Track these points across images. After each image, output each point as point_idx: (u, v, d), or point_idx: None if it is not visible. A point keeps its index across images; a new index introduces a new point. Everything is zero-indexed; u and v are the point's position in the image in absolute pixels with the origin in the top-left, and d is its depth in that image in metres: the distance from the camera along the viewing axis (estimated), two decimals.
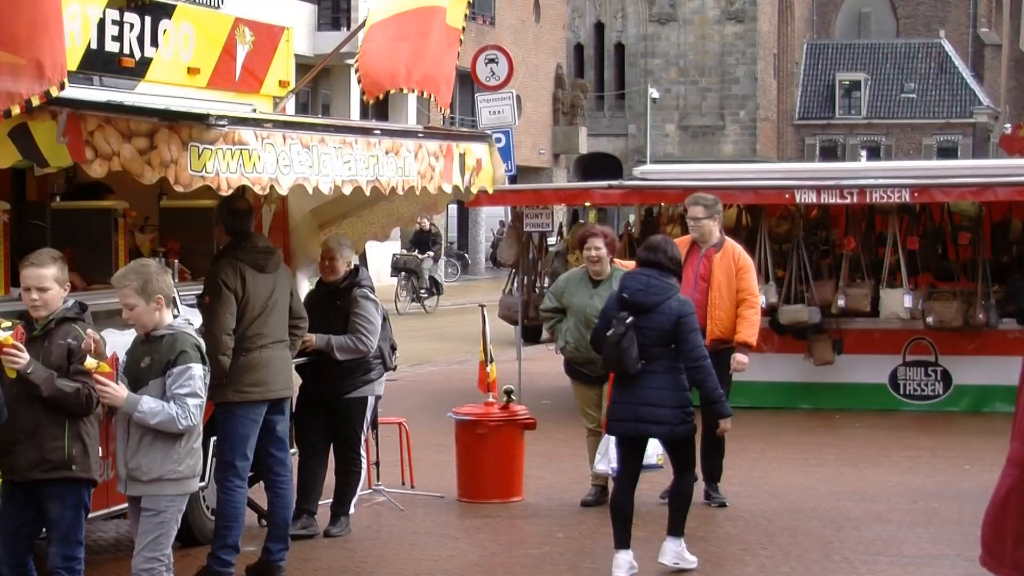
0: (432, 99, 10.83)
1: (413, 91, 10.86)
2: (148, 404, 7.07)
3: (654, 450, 10.12)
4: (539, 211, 17.97)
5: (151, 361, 7.24)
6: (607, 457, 10.49)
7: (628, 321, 9.21)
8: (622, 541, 9.38)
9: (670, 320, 9.26)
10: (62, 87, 7.03)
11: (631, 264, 10.90)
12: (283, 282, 9.40)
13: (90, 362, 7.07)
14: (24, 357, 7.02)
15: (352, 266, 10.67)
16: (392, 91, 10.68)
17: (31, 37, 6.89)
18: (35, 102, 6.94)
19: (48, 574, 7.49)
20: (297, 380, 10.40)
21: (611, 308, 9.52)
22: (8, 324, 7.20)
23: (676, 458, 9.57)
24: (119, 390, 7.07)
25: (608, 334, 9.28)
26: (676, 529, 9.61)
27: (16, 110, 6.90)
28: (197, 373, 7.16)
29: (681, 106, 70.34)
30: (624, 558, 9.36)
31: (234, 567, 9.15)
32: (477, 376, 12.51)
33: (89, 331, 7.23)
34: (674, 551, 9.63)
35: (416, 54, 10.55)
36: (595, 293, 11.19)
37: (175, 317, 7.47)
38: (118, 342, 8.35)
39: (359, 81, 10.52)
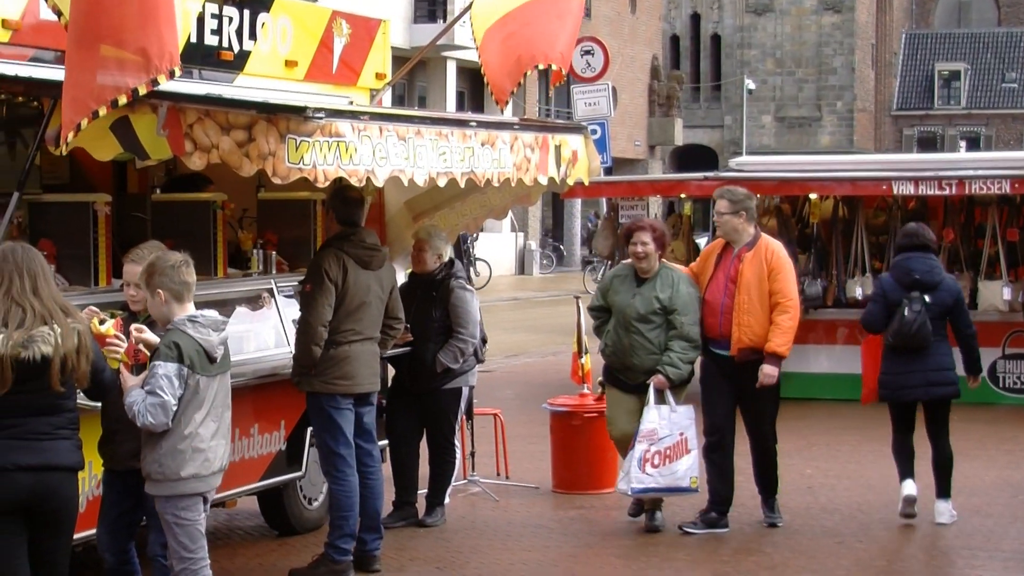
0: (554, 68, 10.67)
1: (533, 69, 10.73)
2: (130, 397, 7.05)
3: (687, 472, 10.26)
4: (634, 203, 17.95)
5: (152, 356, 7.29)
6: (628, 477, 10.27)
7: (925, 300, 10.63)
8: (908, 473, 10.92)
9: (951, 296, 10.77)
10: (171, 75, 7.09)
11: (679, 266, 10.62)
12: (385, 281, 9.41)
13: (95, 322, 7.08)
14: (123, 347, 7.13)
15: (447, 258, 10.71)
16: (514, 90, 10.65)
17: (137, 27, 6.96)
18: (141, 91, 7.02)
19: (148, 561, 7.61)
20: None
21: (891, 291, 10.73)
22: (108, 315, 7.32)
23: (937, 423, 10.87)
24: (126, 377, 7.10)
25: (906, 315, 10.61)
26: (945, 492, 10.86)
27: (123, 99, 6.98)
28: (160, 371, 7.02)
29: (777, 97, 69.86)
30: (905, 487, 10.86)
31: (351, 556, 9.22)
32: (571, 367, 12.53)
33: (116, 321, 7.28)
34: (948, 511, 10.82)
35: (526, 42, 10.55)
36: (638, 292, 10.33)
37: (194, 317, 7.27)
38: (231, 331, 8.47)
39: (490, 93, 10.59)
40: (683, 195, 18.53)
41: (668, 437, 10.28)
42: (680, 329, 10.24)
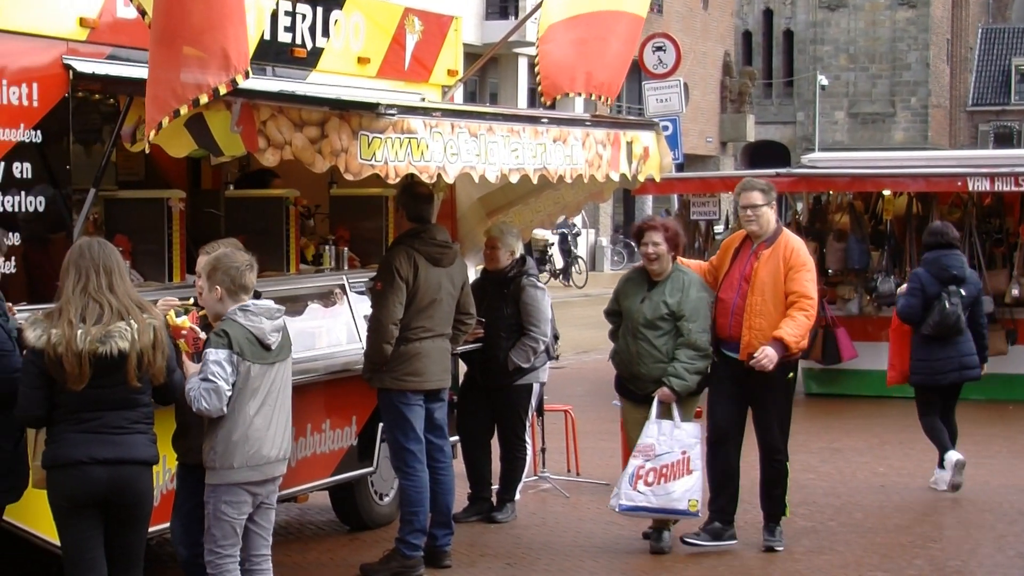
0: (603, 99, 10.82)
1: (590, 96, 10.85)
2: (188, 384, 7.09)
3: (685, 494, 9.59)
4: (706, 199, 17.88)
5: None
6: (620, 493, 9.68)
7: (961, 293, 11.60)
8: (948, 446, 11.77)
9: (976, 289, 11.89)
10: (247, 75, 7.15)
11: (696, 263, 10.19)
12: (456, 277, 9.42)
13: (171, 314, 7.18)
14: (203, 339, 7.19)
15: (519, 254, 10.72)
16: (571, 95, 10.70)
17: (216, 28, 7.02)
18: (222, 90, 7.08)
19: None
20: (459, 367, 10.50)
21: (929, 285, 11.64)
22: (184, 309, 7.38)
23: (952, 402, 11.97)
24: (188, 366, 7.15)
25: (947, 307, 11.53)
26: None
27: (204, 99, 7.04)
28: (211, 358, 7.08)
29: (850, 93, 69.32)
30: (952, 454, 11.68)
31: (422, 552, 9.25)
32: None
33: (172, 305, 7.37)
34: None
35: (596, 59, 10.59)
36: (647, 297, 9.72)
37: (244, 306, 7.29)
38: (290, 329, 8.51)
39: (538, 83, 10.59)
40: None
41: (667, 455, 9.62)
42: (687, 337, 9.58)
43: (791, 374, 9.79)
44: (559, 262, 38.25)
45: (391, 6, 10.49)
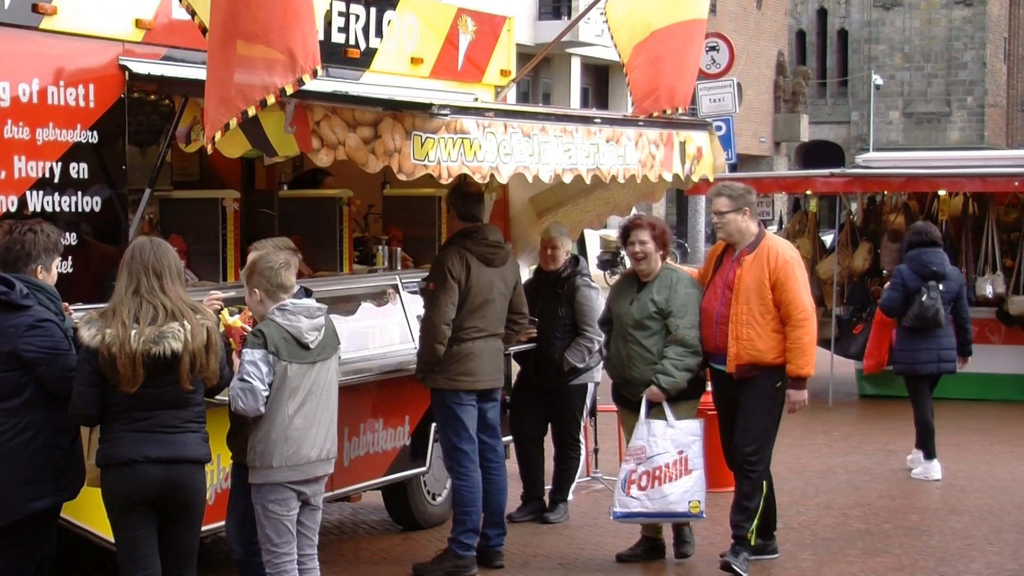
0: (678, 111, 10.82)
1: (675, 110, 10.81)
2: (232, 383, 7.13)
3: (685, 495, 9.17)
4: (759, 199, 17.75)
5: None
6: (615, 500, 9.34)
7: (940, 288, 12.29)
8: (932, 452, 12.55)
9: (958, 284, 12.50)
10: (315, 75, 7.16)
11: (689, 270, 9.76)
12: (508, 277, 9.41)
13: (225, 314, 7.25)
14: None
15: (570, 255, 10.72)
16: (655, 115, 10.67)
17: (283, 27, 7.04)
18: (288, 90, 7.10)
19: None
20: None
21: (911, 280, 12.39)
22: (238, 308, 7.41)
23: (930, 393, 12.65)
24: (236, 364, 7.18)
25: (925, 301, 12.25)
26: (932, 453, 12.63)
27: (271, 99, 7.06)
28: (246, 358, 7.10)
29: (905, 92, 68.91)
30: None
31: (475, 551, 9.25)
32: None
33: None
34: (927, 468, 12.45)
35: (676, 73, 10.58)
36: (636, 298, 9.37)
37: (282, 305, 7.29)
38: (341, 329, 8.53)
39: (633, 104, 10.59)
40: (808, 192, 18.37)
41: (660, 455, 9.18)
42: (675, 333, 9.19)
43: (778, 383, 9.10)
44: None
45: (444, 6, 10.50)
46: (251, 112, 7.04)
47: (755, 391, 9.11)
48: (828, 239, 19.76)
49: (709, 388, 9.61)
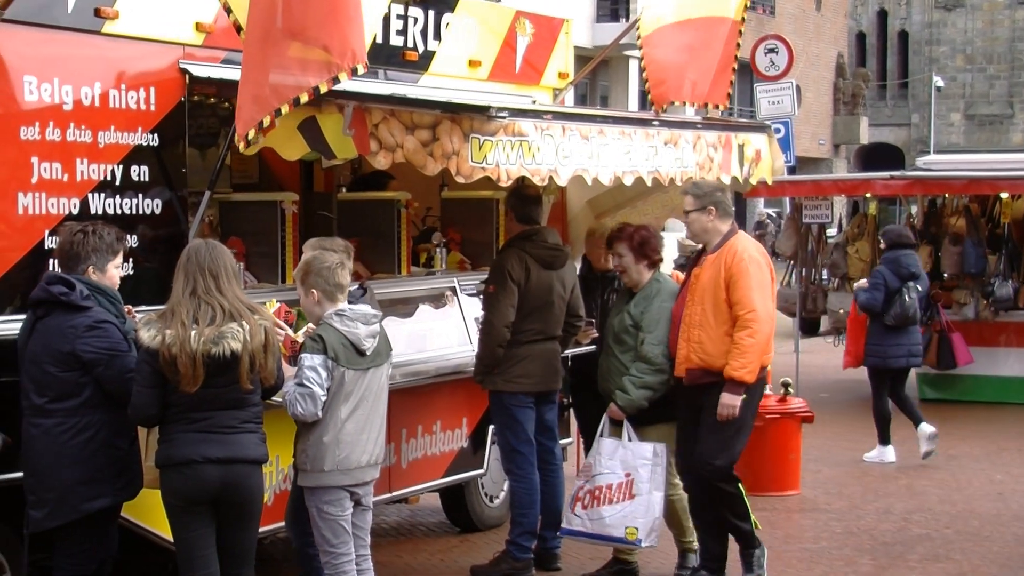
0: (715, 107, 10.78)
1: (704, 106, 10.80)
2: (285, 387, 7.11)
3: (622, 520, 8.69)
4: (818, 202, 17.73)
5: None
6: (564, 516, 9.01)
7: (918, 289, 13.17)
8: (888, 437, 13.38)
9: (927, 285, 13.58)
10: (354, 73, 7.16)
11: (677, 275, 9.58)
12: (567, 280, 9.38)
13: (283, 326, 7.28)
14: (282, 336, 7.25)
15: None
16: (678, 104, 10.64)
17: (320, 24, 7.03)
18: (323, 89, 7.11)
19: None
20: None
21: (891, 281, 13.18)
22: (272, 303, 7.45)
23: (901, 384, 13.37)
24: (284, 368, 7.21)
25: (907, 300, 13.11)
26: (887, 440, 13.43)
27: (304, 98, 7.07)
28: (306, 363, 7.11)
29: (967, 94, 68.36)
30: (925, 427, 13.28)
31: (532, 553, 9.25)
32: None
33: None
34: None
35: (702, 68, 10.52)
36: (624, 309, 9.03)
37: (340, 311, 7.30)
38: (399, 331, 8.56)
39: (647, 91, 10.52)
40: (868, 195, 18.28)
41: (604, 475, 8.77)
42: (639, 349, 8.83)
43: (743, 396, 8.53)
44: None
45: (502, 9, 10.51)
46: (284, 110, 7.03)
47: (708, 405, 8.51)
48: None
49: None
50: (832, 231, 21.10)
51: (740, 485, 8.85)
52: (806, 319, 19.79)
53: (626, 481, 8.72)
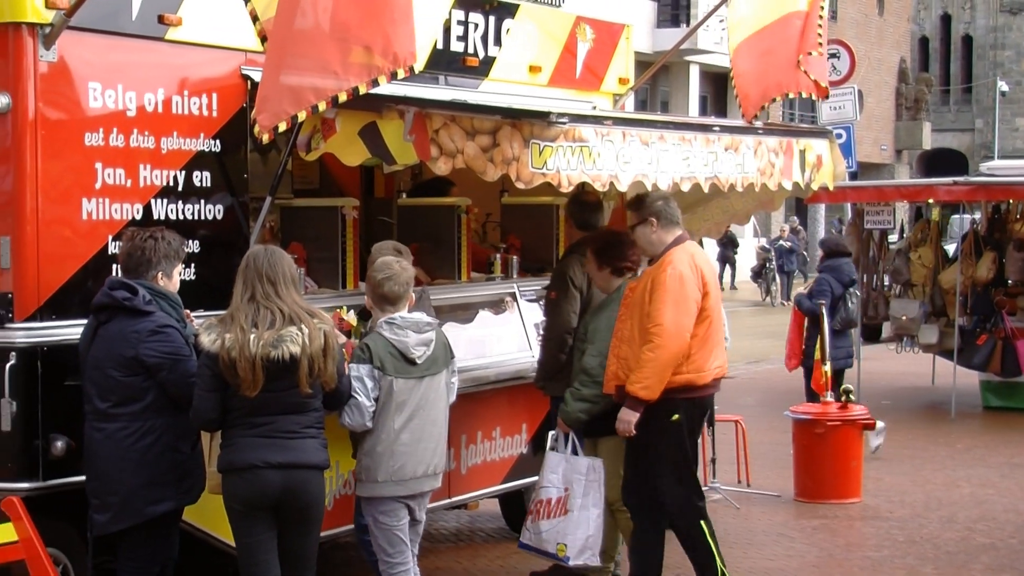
0: (813, 96, 10.69)
1: (787, 96, 10.72)
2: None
3: (554, 536, 8.42)
4: (880, 208, 17.61)
5: None
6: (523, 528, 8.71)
7: (857, 294, 14.03)
8: None
9: (857, 291, 14.59)
10: (393, 77, 7.16)
11: None
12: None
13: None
14: (347, 340, 7.29)
15: None
16: (766, 105, 10.59)
17: (362, 25, 7.03)
18: (362, 90, 7.11)
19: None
20: None
21: (836, 287, 14.11)
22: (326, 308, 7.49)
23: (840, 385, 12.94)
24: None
25: (851, 305, 14.09)
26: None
27: (343, 97, 7.06)
28: (352, 373, 7.12)
29: None
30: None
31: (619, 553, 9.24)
32: (813, 374, 12.40)
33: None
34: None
35: (784, 64, 10.48)
36: (584, 317, 8.89)
37: (389, 319, 7.30)
38: (459, 337, 8.56)
39: (739, 104, 10.50)
40: (931, 200, 18.13)
41: (547, 489, 8.51)
42: (581, 360, 8.60)
43: (675, 416, 8.10)
44: (776, 278, 36.00)
45: (563, 14, 10.51)
46: (321, 107, 7.01)
47: (648, 427, 8.09)
48: (951, 248, 19.49)
49: None
50: (894, 237, 20.94)
51: (704, 525, 8.29)
52: (868, 325, 19.68)
53: (564, 496, 8.47)
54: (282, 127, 6.97)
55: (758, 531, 10.79)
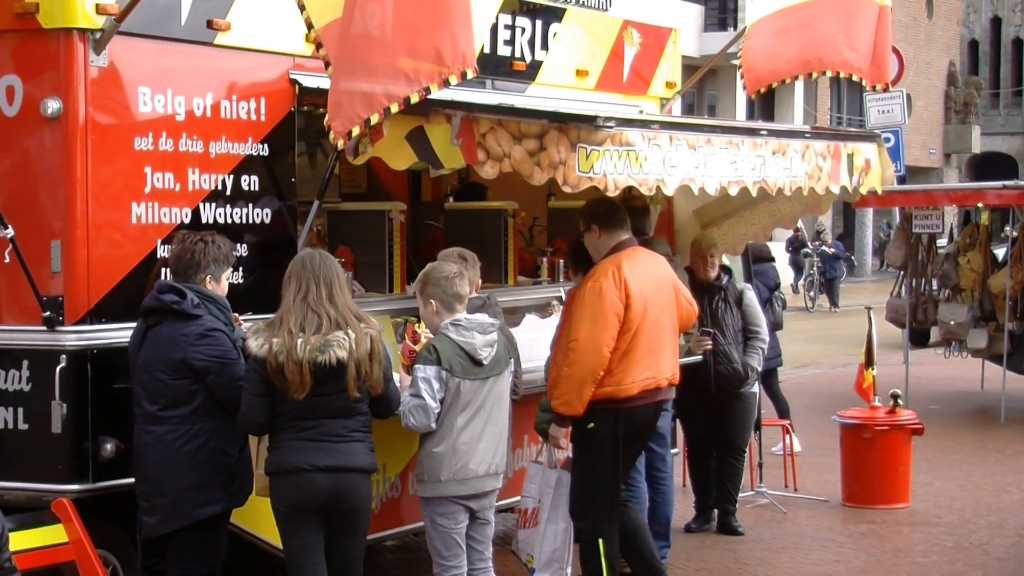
0: (863, 82, 10.63)
1: (796, 78, 10.71)
2: (401, 398, 7.15)
3: (525, 547, 8.40)
4: (929, 212, 17.51)
5: None
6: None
7: (783, 298, 14.10)
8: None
9: None
10: (463, 77, 7.18)
11: None
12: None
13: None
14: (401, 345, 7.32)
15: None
16: (775, 85, 10.59)
17: (430, 27, 7.07)
18: (433, 90, 7.14)
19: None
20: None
21: (763, 292, 13.29)
22: (404, 320, 7.50)
23: (773, 382, 13.33)
24: (403, 379, 7.21)
25: (778, 308, 13.89)
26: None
27: (415, 98, 7.09)
28: (419, 375, 7.14)
29: None
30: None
31: (667, 557, 9.24)
32: (855, 379, 12.35)
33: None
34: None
35: (802, 43, 10.45)
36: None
37: (456, 320, 7.30)
38: (521, 339, 8.57)
39: (741, 77, 10.49)
40: (980, 204, 18.01)
41: (526, 499, 8.50)
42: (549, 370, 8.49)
43: (590, 424, 8.06)
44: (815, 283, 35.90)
45: (610, 18, 10.50)
46: (394, 108, 7.04)
47: (572, 435, 8.16)
48: (1000, 252, 19.36)
49: None
50: (943, 241, 20.81)
51: (601, 543, 8.14)
52: (916, 330, 19.57)
53: (537, 507, 8.43)
54: (355, 132, 6.98)
55: (805, 536, 10.75)
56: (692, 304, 8.57)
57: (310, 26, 7.18)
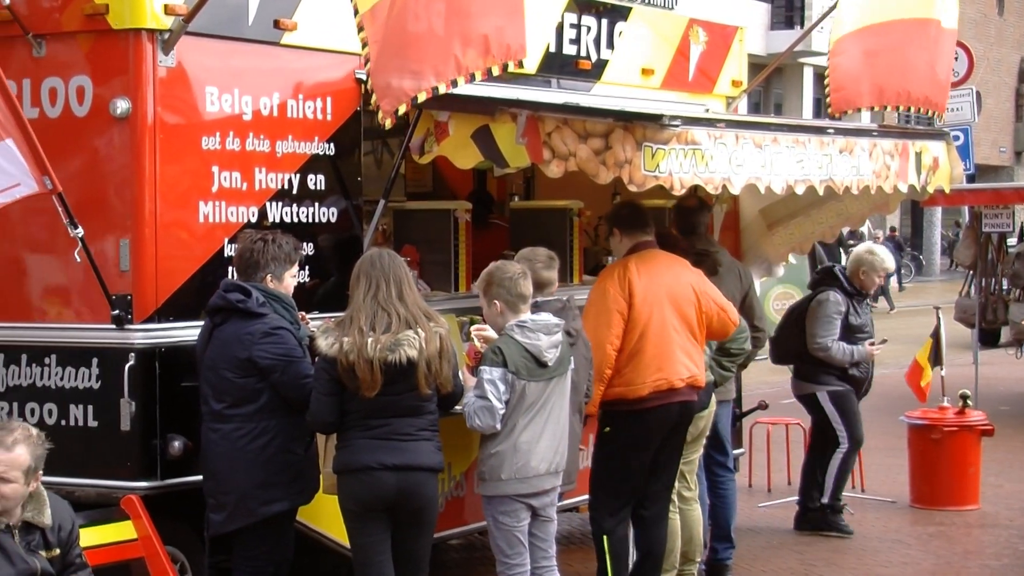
0: (933, 114, 10.66)
1: (885, 108, 10.68)
2: (466, 398, 7.13)
3: None
4: (999, 211, 17.34)
5: None
6: None
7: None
8: None
9: None
10: (505, 69, 7.16)
11: None
12: (730, 287, 9.25)
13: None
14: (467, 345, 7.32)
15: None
16: (863, 109, 10.55)
17: (481, 14, 7.07)
18: (478, 77, 7.12)
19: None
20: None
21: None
22: (470, 320, 7.51)
23: None
24: (466, 378, 7.20)
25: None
26: None
27: (461, 81, 7.08)
28: (485, 376, 7.10)
29: None
30: None
31: (703, 565, 9.19)
32: (912, 376, 12.29)
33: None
34: None
35: (891, 70, 10.38)
36: None
37: (522, 322, 7.27)
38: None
39: (827, 96, 10.41)
40: None
41: None
42: None
43: (606, 428, 8.19)
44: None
45: (676, 17, 10.48)
46: (442, 89, 7.03)
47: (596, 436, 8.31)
48: None
49: None
50: (1013, 240, 20.62)
51: (607, 540, 8.17)
52: (986, 330, 19.39)
53: None
54: (402, 109, 6.99)
55: (872, 537, 10.67)
56: (725, 311, 8.44)
57: (356, 11, 7.19)
